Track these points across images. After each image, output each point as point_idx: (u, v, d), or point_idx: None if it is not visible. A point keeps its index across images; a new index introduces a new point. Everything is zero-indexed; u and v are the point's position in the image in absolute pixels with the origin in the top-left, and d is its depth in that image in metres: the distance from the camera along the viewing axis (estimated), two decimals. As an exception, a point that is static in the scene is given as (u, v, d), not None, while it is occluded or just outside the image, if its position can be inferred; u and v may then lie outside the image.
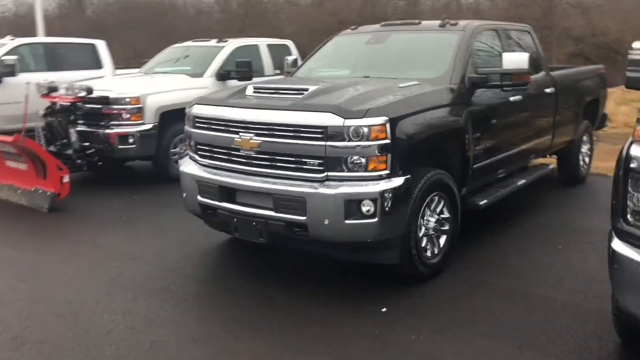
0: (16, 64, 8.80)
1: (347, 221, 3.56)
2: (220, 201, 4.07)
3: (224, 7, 29.67)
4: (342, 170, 3.59)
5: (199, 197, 4.21)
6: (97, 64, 10.30)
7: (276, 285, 4.06)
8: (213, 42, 8.47)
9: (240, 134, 3.91)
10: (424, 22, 5.17)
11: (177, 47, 9.00)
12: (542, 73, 5.84)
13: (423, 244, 3.96)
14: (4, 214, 6.11)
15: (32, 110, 9.47)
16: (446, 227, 4.15)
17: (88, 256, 4.72)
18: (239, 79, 7.89)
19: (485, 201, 4.69)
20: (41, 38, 9.92)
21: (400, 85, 4.14)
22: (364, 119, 3.53)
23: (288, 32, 21.92)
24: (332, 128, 3.56)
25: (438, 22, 5.04)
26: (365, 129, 3.52)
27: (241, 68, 7.81)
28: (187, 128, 4.42)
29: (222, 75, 7.84)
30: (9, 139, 5.88)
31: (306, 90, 3.96)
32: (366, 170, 3.56)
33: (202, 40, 9.02)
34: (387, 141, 3.55)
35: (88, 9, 35.33)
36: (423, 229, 3.94)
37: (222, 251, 4.91)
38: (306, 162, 3.66)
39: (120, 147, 6.97)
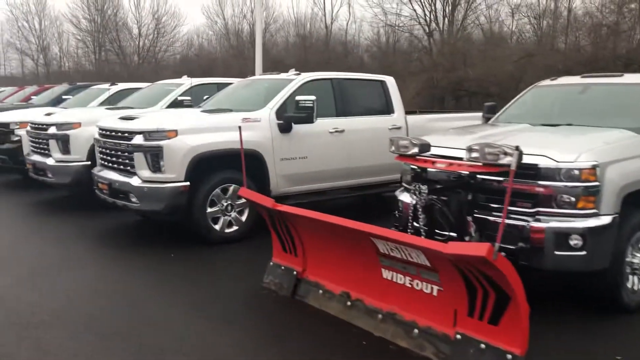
0: (314, 106, 6.39)
1: None
2: None
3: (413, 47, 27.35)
4: None
5: None
6: (387, 108, 7.73)
7: None
8: (619, 79, 5.36)
9: None
10: None
11: (550, 85, 6.02)
12: None
13: None
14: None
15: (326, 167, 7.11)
16: None
17: None
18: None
19: None
20: (329, 73, 7.53)
21: None
22: None
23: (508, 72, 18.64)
24: None
25: None
26: None
27: None
28: None
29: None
30: (477, 250, 3.04)
31: None
32: None
33: (593, 76, 5.97)
34: None
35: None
36: None
37: None
38: None
39: (556, 253, 4.00)
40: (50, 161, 7.90)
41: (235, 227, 6.33)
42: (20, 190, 9.76)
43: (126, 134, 6.12)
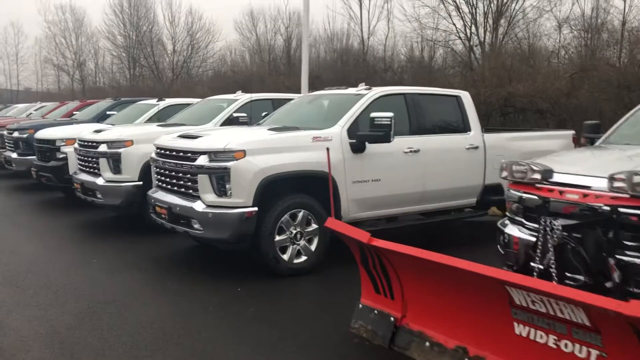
0: (392, 124, 5.78)
1: None
2: None
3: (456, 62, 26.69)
4: None
5: None
6: (463, 125, 7.08)
7: None
8: None
9: None
10: None
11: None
12: None
13: None
14: None
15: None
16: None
17: None
18: None
19: None
20: (402, 88, 6.95)
21: None
22: None
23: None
24: None
25: None
26: None
27: None
28: None
29: None
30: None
31: None
32: None
33: None
34: None
35: (296, 65, 34.67)
36: None
37: None
38: None
39: None
40: (100, 181, 7.45)
41: (304, 257, 5.73)
42: (64, 210, 9.36)
43: (189, 154, 5.60)
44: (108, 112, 11.76)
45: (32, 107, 18.87)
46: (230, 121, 8.09)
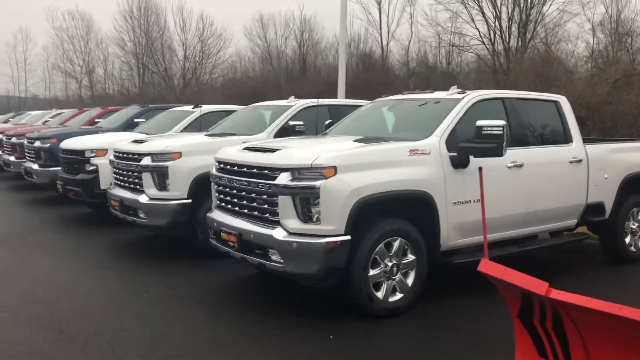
0: (504, 134, 4.82)
1: None
2: None
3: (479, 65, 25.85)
4: None
5: None
6: (564, 136, 6.14)
7: None
8: None
9: None
10: None
11: None
12: None
13: None
14: None
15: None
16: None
17: None
18: None
19: None
20: (499, 91, 6.03)
21: None
22: None
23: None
24: None
25: None
26: None
27: None
28: None
29: None
30: None
31: None
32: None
33: None
34: None
35: (311, 71, 33.80)
36: None
37: None
38: None
39: None
40: (143, 198, 6.51)
41: (399, 295, 4.78)
42: (93, 228, 8.43)
43: (265, 171, 4.66)
44: (136, 120, 10.84)
45: (47, 114, 17.99)
46: (285, 130, 7.16)
